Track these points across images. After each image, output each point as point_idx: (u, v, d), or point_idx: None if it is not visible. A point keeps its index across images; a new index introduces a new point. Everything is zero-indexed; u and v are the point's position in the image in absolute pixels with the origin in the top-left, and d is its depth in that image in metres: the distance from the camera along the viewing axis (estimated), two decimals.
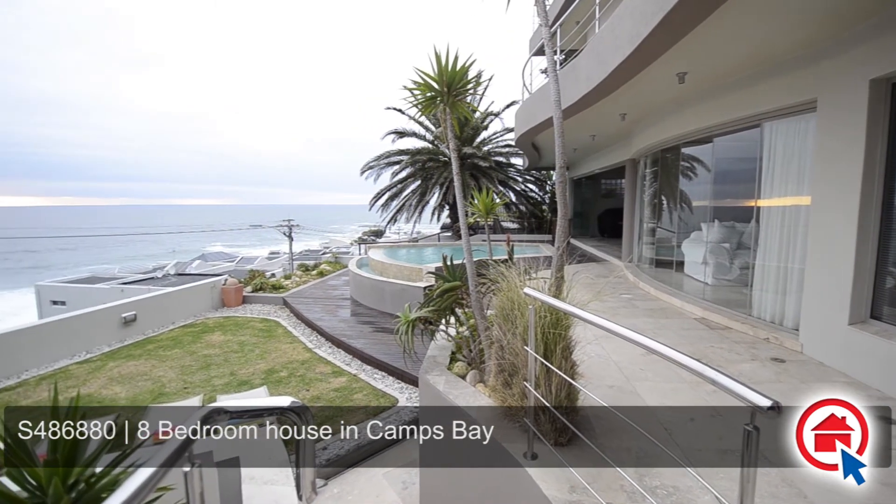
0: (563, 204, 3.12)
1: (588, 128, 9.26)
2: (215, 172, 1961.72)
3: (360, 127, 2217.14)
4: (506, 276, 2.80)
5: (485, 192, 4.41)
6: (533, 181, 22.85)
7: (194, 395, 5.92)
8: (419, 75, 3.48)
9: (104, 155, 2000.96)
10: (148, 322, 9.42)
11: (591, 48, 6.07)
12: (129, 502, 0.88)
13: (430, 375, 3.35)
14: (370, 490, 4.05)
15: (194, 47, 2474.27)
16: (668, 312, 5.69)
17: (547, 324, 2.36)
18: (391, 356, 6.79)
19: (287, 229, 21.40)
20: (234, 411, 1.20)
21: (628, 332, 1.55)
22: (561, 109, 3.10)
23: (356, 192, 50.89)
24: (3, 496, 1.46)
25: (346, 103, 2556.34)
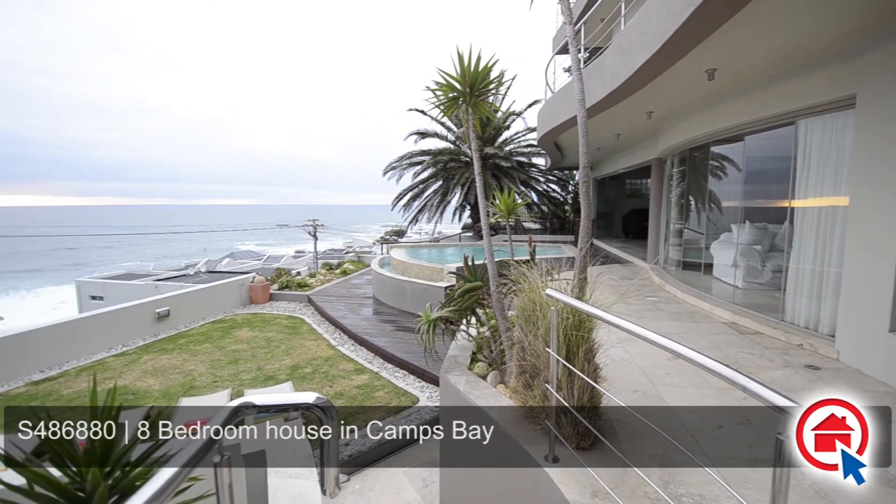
0: (586, 204, 3.07)
1: (613, 126, 9.09)
2: (244, 174, 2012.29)
3: (383, 128, 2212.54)
4: (527, 277, 2.79)
5: (506, 192, 4.39)
6: (555, 181, 22.59)
7: (223, 388, 6.10)
8: (442, 76, 3.49)
9: (140, 157, 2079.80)
10: (180, 317, 9.77)
11: (616, 45, 5.96)
12: (163, 490, 0.92)
13: (451, 375, 3.36)
14: (391, 487, 4.09)
15: (224, 53, 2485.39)
16: (695, 316, 5.53)
17: (569, 326, 2.34)
18: (412, 355, 6.84)
19: (312, 229, 21.80)
20: (261, 406, 1.24)
21: (653, 336, 1.51)
22: (585, 108, 3.06)
23: (379, 193, 51.67)
24: (46, 480, 1.54)
25: (370, 105, 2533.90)
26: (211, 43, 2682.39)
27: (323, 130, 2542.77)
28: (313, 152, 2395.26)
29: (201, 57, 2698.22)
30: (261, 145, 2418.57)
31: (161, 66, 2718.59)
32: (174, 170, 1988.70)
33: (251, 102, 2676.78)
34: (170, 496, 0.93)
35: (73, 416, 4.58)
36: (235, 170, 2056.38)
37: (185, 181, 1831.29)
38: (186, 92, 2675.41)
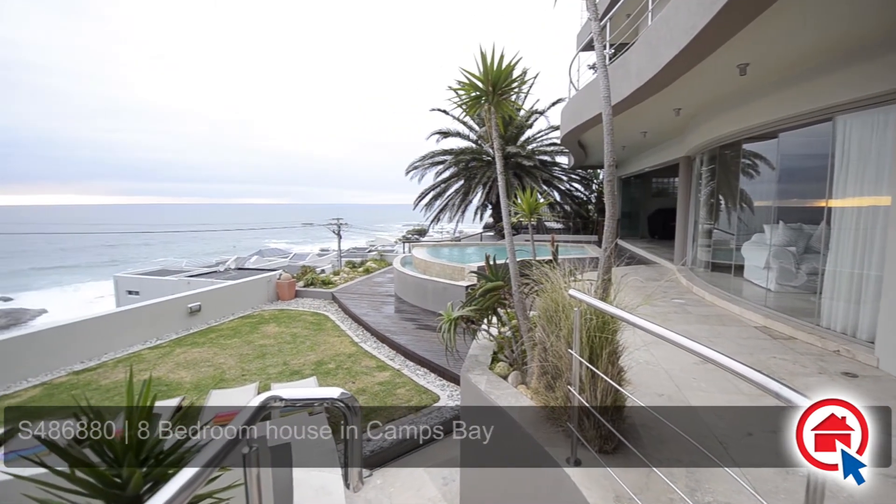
0: (611, 203, 3.03)
1: (639, 124, 8.90)
2: (273, 174, 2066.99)
3: (407, 129, 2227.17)
4: (550, 277, 2.76)
5: (529, 191, 4.36)
6: (578, 180, 22.27)
7: (251, 382, 6.26)
8: (464, 75, 3.50)
9: (176, 158, 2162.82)
10: (211, 312, 10.09)
11: (642, 41, 5.83)
12: (195, 479, 0.95)
13: (472, 374, 3.36)
14: (411, 484, 4.12)
15: (251, 57, 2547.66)
16: (724, 319, 5.36)
17: (593, 327, 2.30)
18: (433, 353, 6.87)
19: (336, 228, 22.16)
20: (288, 400, 1.27)
21: (680, 339, 1.48)
22: (611, 105, 3.01)
23: (401, 192, 52.25)
24: (85, 466, 1.63)
25: (393, 106, 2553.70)
26: (240, 47, 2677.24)
27: (348, 131, 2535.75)
28: (338, 152, 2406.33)
29: (230, 61, 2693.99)
30: (289, 146, 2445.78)
31: (192, 71, 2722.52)
32: (207, 170, 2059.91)
33: (283, 107, 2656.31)
34: (202, 485, 0.97)
35: (111, 405, 4.80)
36: (265, 170, 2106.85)
37: (217, 181, 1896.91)
38: (220, 95, 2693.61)
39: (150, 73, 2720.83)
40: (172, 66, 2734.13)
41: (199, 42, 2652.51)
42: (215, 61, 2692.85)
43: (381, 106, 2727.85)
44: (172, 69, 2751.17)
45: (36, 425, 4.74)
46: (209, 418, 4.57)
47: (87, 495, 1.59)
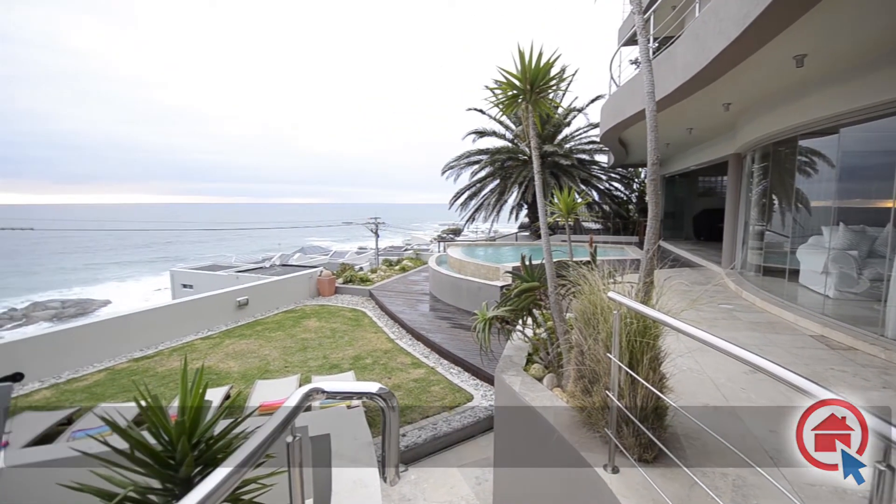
0: (654, 203, 2.92)
1: (684, 120, 8.53)
2: (314, 174, 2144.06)
3: (443, 129, 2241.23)
4: (588, 279, 2.70)
5: (566, 190, 4.28)
6: (618, 179, 21.60)
7: (293, 374, 6.53)
8: (502, 74, 3.48)
9: (226, 160, 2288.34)
10: (257, 306, 10.59)
11: (689, 34, 5.58)
12: (244, 464, 1.01)
13: (506, 375, 3.34)
14: (445, 481, 4.15)
15: (297, 64, 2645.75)
16: (777, 327, 5.04)
17: (633, 331, 2.23)
18: (467, 352, 6.88)
19: (374, 227, 22.62)
20: (330, 392, 1.32)
21: (728, 345, 1.41)
22: (655, 101, 2.91)
23: (437, 192, 53.07)
24: (143, 446, 1.75)
25: (431, 106, 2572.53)
26: (285, 54, 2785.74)
27: (386, 131, 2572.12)
28: (377, 153, 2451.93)
29: (277, 68, 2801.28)
30: (331, 147, 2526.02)
31: (241, 77, 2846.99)
32: (255, 171, 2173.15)
33: (324, 107, 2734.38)
34: (250, 469, 1.02)
35: (166, 391, 5.14)
36: (308, 171, 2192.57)
37: (264, 181, 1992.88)
38: (267, 100, 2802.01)
39: (201, 81, 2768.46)
40: (223, 74, 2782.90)
41: (249, 50, 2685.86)
42: (263, 68, 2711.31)
43: (418, 106, 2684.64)
44: (223, 76, 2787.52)
45: (101, 407, 5.16)
46: (255, 407, 4.80)
47: (143, 474, 1.71)
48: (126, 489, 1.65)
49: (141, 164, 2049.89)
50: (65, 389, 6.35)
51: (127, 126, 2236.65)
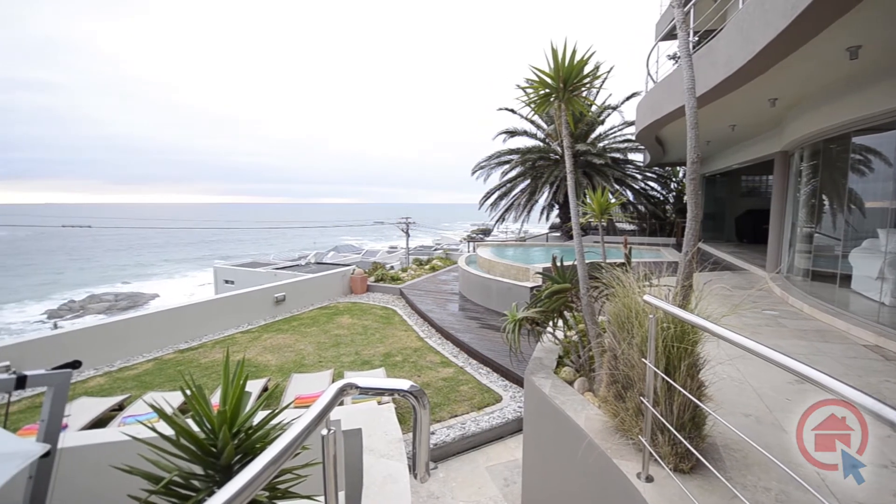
0: (694, 203, 2.81)
1: (726, 117, 8.16)
2: (347, 175, 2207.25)
3: (474, 129, 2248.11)
4: (622, 281, 2.63)
5: (599, 190, 4.19)
6: (655, 178, 20.91)
7: (327, 368, 6.70)
8: (534, 73, 3.45)
9: (265, 161, 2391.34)
10: (294, 302, 10.97)
11: (732, 27, 5.34)
12: (283, 453, 1.05)
13: (536, 377, 3.31)
14: (473, 480, 4.15)
15: (328, 66, 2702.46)
16: (826, 335, 4.75)
17: (670, 336, 2.16)
18: (496, 353, 6.85)
19: (404, 226, 22.88)
20: (363, 387, 1.35)
21: (773, 353, 1.34)
22: (695, 97, 2.81)
23: (467, 192, 53.35)
24: (187, 434, 1.84)
25: (461, 107, 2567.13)
26: (319, 59, 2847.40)
27: (418, 132, 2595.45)
28: (408, 153, 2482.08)
29: (312, 72, 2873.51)
30: (364, 148, 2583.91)
31: (277, 80, 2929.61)
32: (295, 172, 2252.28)
33: (356, 109, 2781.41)
34: (288, 458, 1.06)
35: (209, 381, 5.38)
36: (342, 172, 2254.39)
37: (303, 182, 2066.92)
38: (302, 103, 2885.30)
39: (241, 88, 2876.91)
40: (260, 80, 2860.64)
41: (284, 56, 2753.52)
42: (298, 72, 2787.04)
43: (450, 107, 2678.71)
44: (260, 82, 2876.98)
45: (149, 395, 5.47)
46: (291, 399, 4.96)
47: (187, 460, 1.80)
48: (171, 473, 1.74)
49: (188, 167, 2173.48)
50: (117, 377, 6.78)
51: (173, 130, 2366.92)
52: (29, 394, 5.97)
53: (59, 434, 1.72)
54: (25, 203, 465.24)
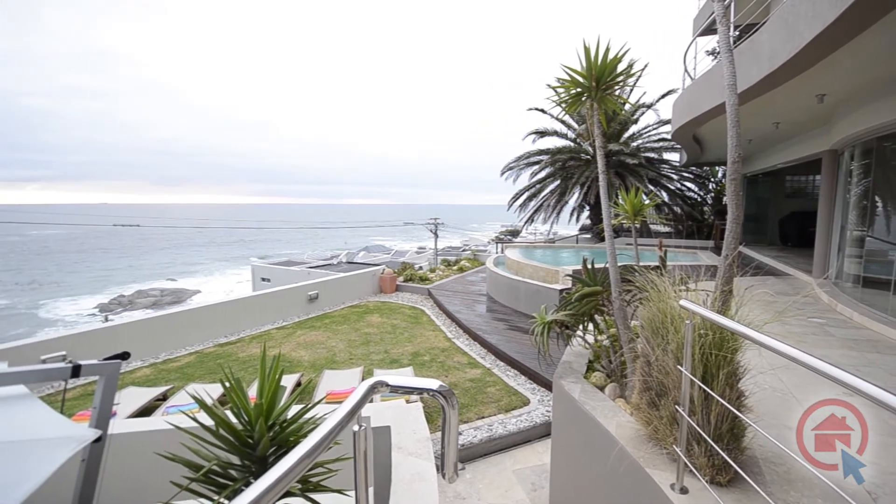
0: (734, 204, 2.70)
1: (770, 114, 7.78)
2: (377, 177, 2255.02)
3: (503, 130, 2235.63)
4: (656, 285, 2.55)
5: (633, 191, 4.09)
6: (691, 179, 20.14)
7: (357, 366, 6.84)
8: (565, 71, 3.40)
9: (297, 163, 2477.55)
10: (326, 300, 11.27)
11: (777, 19, 5.10)
12: (317, 447, 1.08)
13: (565, 381, 3.26)
14: (500, 483, 4.13)
15: (357, 68, 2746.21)
16: (879, 346, 4.45)
17: (707, 343, 2.09)
18: (524, 355, 6.79)
19: (433, 227, 23.02)
20: (393, 385, 1.37)
21: (820, 364, 1.27)
22: (736, 94, 2.70)
23: (496, 193, 53.47)
24: (226, 425, 1.92)
25: (491, 108, 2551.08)
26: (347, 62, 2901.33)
27: (446, 133, 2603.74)
28: (436, 154, 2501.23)
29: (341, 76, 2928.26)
30: (393, 150, 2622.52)
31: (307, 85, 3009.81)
32: (325, 174, 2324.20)
33: (385, 110, 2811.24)
34: (321, 452, 1.09)
35: (246, 375, 5.58)
36: (372, 174, 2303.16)
37: (334, 184, 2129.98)
38: (333, 105, 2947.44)
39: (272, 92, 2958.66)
40: (291, 83, 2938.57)
41: (318, 60, 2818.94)
42: (327, 76, 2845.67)
43: (479, 108, 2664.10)
44: (291, 85, 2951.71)
45: (191, 386, 5.72)
46: (323, 394, 5.09)
47: (225, 450, 1.87)
48: (210, 462, 1.82)
49: (226, 169, 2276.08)
50: (161, 369, 7.14)
51: (211, 134, 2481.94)
52: (82, 382, 6.38)
53: (109, 421, 1.82)
54: (82, 203, 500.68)
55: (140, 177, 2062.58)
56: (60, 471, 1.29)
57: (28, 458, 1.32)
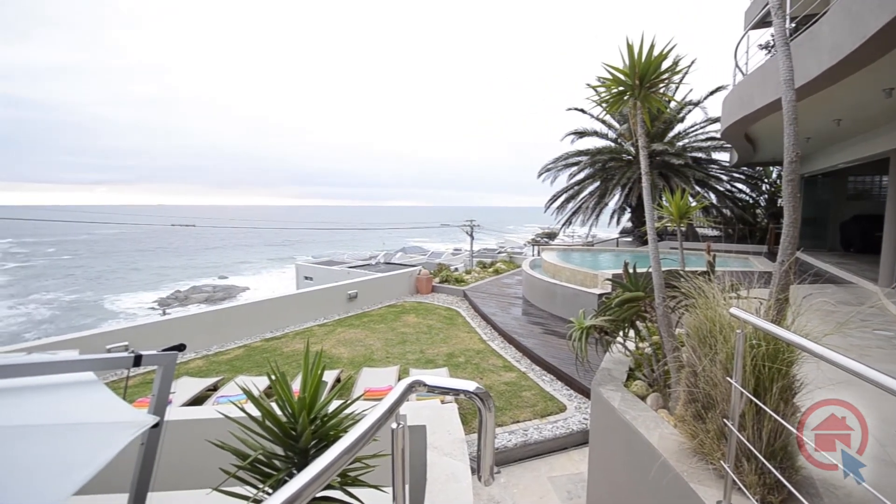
0: (791, 207, 2.54)
1: (831, 110, 7.27)
2: (414, 178, 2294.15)
3: (541, 131, 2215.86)
4: (704, 292, 2.44)
5: (678, 192, 3.92)
6: (743, 180, 19.07)
7: (393, 364, 6.96)
8: (607, 70, 3.32)
9: (332, 166, 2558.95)
10: (365, 300, 11.58)
11: (839, 8, 4.76)
12: (359, 441, 1.11)
13: (604, 389, 3.17)
14: (535, 489, 4.07)
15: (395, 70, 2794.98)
16: None
17: (760, 355, 1.97)
18: (560, 360, 6.66)
19: (469, 229, 23.05)
20: (430, 385, 1.39)
21: (888, 380, 1.17)
22: (794, 90, 2.54)
23: (533, 195, 52.94)
24: (272, 416, 2.00)
25: (528, 109, 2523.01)
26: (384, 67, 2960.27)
27: (483, 134, 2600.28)
28: (473, 156, 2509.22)
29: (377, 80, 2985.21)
30: (429, 152, 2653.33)
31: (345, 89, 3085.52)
32: (362, 176, 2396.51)
33: (422, 113, 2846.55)
34: (361, 447, 1.12)
35: (290, 369, 5.81)
36: (409, 176, 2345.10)
37: (372, 185, 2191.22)
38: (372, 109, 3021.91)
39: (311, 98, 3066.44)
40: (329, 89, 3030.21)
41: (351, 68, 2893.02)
42: (364, 80, 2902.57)
43: (516, 109, 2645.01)
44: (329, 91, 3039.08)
45: (240, 378, 6.00)
46: (361, 391, 5.21)
47: (270, 440, 1.96)
48: (256, 452, 1.91)
49: (272, 172, 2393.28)
50: (212, 360, 7.56)
51: (257, 138, 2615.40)
52: (141, 371, 6.86)
53: (165, 408, 1.95)
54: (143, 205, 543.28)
55: (195, 180, 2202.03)
56: (122, 453, 1.39)
57: (95, 439, 1.43)
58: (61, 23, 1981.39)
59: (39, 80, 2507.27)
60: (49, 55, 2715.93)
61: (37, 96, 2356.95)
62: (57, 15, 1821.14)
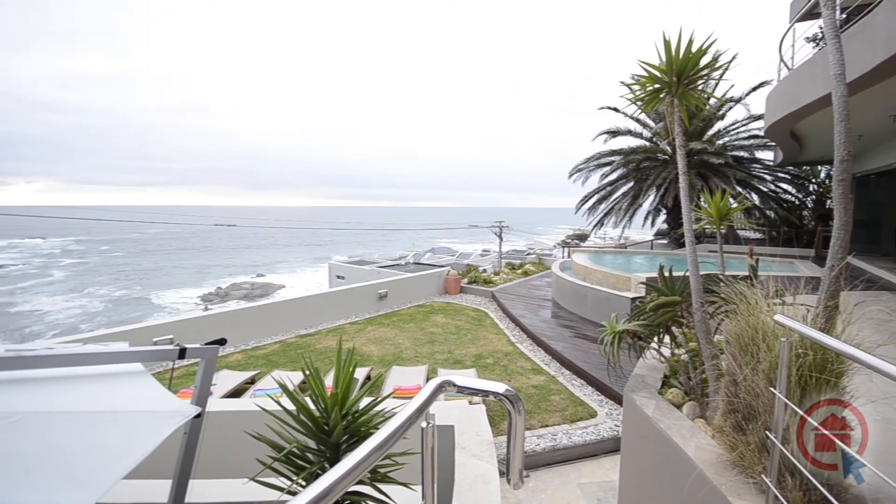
0: (842, 209, 2.40)
1: (886, 106, 6.83)
2: (444, 180, 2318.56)
3: (572, 130, 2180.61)
4: (746, 297, 2.33)
5: (718, 193, 3.77)
6: (788, 180, 18.08)
7: (422, 364, 7.02)
8: (642, 67, 3.23)
9: (370, 167, 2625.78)
10: (395, 299, 11.76)
11: None
12: (391, 437, 1.13)
13: (637, 396, 3.09)
14: (563, 495, 4.00)
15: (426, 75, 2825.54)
16: None
17: (807, 364, 1.87)
18: (591, 365, 6.52)
19: (498, 230, 22.95)
20: (460, 385, 1.39)
21: None
22: (845, 84, 2.39)
23: (563, 196, 51.98)
24: (306, 410, 2.06)
25: (558, 109, 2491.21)
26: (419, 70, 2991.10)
27: (514, 137, 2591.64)
28: (503, 156, 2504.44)
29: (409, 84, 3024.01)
30: (460, 153, 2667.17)
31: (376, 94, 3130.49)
32: (396, 177, 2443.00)
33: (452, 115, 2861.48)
34: (392, 444, 1.14)
35: (322, 365, 5.96)
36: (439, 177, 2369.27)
37: (404, 187, 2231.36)
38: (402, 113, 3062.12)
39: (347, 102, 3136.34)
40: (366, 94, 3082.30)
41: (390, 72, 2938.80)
42: (398, 85, 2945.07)
43: (547, 109, 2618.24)
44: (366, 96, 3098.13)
45: (276, 372, 6.19)
46: (390, 389, 5.29)
47: (304, 434, 2.02)
48: (291, 444, 1.97)
49: (306, 175, 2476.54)
50: (250, 355, 7.86)
51: (295, 141, 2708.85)
52: (185, 363, 7.21)
53: (207, 399, 2.04)
54: (187, 205, 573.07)
55: (237, 182, 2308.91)
56: (168, 440, 1.47)
57: (142, 428, 1.52)
58: (114, 32, 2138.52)
59: (90, 87, 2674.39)
60: (95, 64, 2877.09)
61: (96, 105, 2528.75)
62: (107, 25, 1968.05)
